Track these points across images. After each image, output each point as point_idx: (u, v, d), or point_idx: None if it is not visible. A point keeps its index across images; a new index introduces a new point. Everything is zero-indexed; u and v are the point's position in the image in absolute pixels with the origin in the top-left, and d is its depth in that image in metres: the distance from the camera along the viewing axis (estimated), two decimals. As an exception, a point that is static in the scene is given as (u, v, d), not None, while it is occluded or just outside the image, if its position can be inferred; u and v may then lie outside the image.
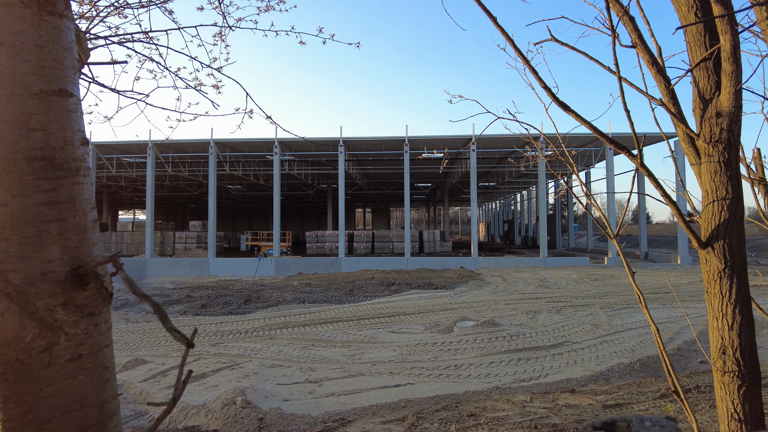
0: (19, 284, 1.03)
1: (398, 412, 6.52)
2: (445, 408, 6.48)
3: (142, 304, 16.33)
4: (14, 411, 1.02)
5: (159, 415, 0.91)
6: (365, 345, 9.97)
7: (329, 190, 40.62)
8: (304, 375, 8.17)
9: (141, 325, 13.22)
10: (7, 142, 1.09)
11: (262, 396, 7.06)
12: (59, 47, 1.18)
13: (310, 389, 7.56)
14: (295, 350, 9.62)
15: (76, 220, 1.15)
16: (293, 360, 8.94)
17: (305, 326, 11.75)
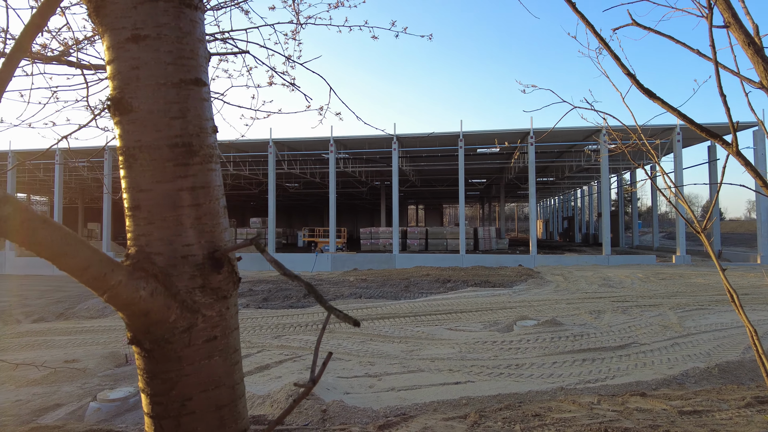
0: (164, 266, 1.08)
1: (460, 409, 6.48)
2: (508, 407, 6.37)
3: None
4: (160, 387, 1.08)
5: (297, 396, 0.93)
6: (423, 341, 9.96)
7: (382, 187, 40.84)
8: (363, 369, 8.27)
9: (207, 317, 13.83)
10: (152, 130, 1.13)
11: (324, 388, 7.21)
12: (195, 38, 1.22)
13: (370, 383, 7.65)
14: (354, 344, 9.75)
15: (211, 206, 1.19)
16: (352, 354, 9.07)
17: (363, 321, 11.88)
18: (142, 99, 1.12)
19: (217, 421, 1.11)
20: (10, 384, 8.16)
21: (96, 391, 7.54)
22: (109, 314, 14.90)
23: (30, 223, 0.78)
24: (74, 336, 11.77)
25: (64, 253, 0.85)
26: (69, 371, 8.54)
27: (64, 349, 10.52)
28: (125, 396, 7.13)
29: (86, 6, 1.12)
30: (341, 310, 0.91)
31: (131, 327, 1.08)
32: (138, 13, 1.14)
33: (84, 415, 6.88)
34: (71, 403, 7.28)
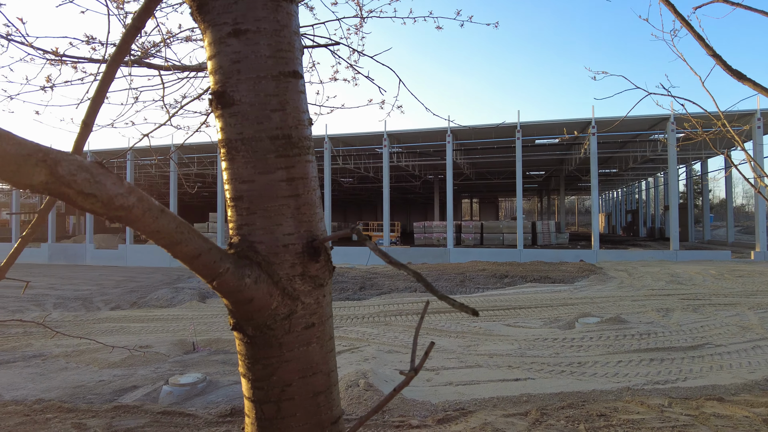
0: (266, 255, 1.12)
1: (520, 406, 6.35)
2: (571, 406, 6.18)
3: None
4: (261, 372, 1.12)
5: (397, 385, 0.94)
6: (480, 337, 9.84)
7: (436, 181, 40.56)
8: (420, 363, 8.28)
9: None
10: (253, 122, 1.16)
11: (382, 380, 7.28)
12: (291, 31, 1.25)
13: (428, 377, 7.64)
14: (411, 338, 9.78)
15: (308, 196, 1.22)
16: (409, 347, 9.10)
17: (419, 315, 11.89)
18: (243, 92, 1.16)
19: (314, 408, 1.14)
20: (94, 365, 8.81)
21: (167, 376, 7.99)
22: (176, 304, 15.75)
23: (151, 212, 0.83)
24: (146, 323, 12.53)
25: (179, 242, 0.90)
26: (143, 356, 9.10)
27: (138, 336, 11.22)
28: (194, 381, 7.50)
29: (189, 4, 1.17)
30: (456, 300, 0.90)
31: (235, 313, 1.12)
32: (238, 7, 1.17)
33: (158, 398, 7.30)
34: (146, 386, 7.75)
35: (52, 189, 0.71)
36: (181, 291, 16.98)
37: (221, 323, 12.27)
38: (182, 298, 16.17)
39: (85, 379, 8.12)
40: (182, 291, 16.97)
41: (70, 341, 10.73)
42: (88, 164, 0.74)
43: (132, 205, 0.80)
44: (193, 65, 2.63)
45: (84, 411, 6.57)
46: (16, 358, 9.41)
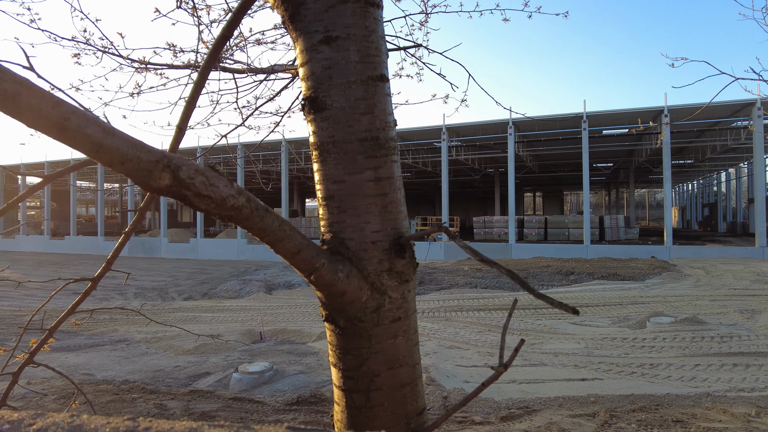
0: (355, 251, 1.18)
1: (587, 407, 6.15)
2: (643, 409, 5.90)
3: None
4: (352, 362, 1.18)
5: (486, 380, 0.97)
6: (545, 335, 9.59)
7: (496, 174, 39.73)
8: (482, 359, 8.19)
9: (330, 300, 14.68)
10: (344, 126, 1.23)
11: (444, 375, 7.28)
12: (378, 36, 1.30)
13: (490, 373, 7.56)
14: (472, 334, 9.69)
15: (394, 195, 1.28)
16: (470, 343, 9.02)
17: (480, 311, 11.75)
18: (334, 97, 1.22)
19: (401, 399, 1.19)
20: (171, 352, 9.41)
21: (237, 364, 8.39)
22: (244, 295, 16.48)
23: (258, 212, 0.90)
24: (217, 314, 13.21)
25: (281, 239, 0.97)
26: (214, 344, 9.60)
27: (209, 325, 11.85)
28: (262, 370, 7.83)
29: (281, 14, 1.24)
30: (554, 298, 0.90)
31: (328, 306, 1.19)
32: (329, 15, 1.23)
33: (228, 384, 7.69)
34: (217, 373, 8.19)
35: (175, 191, 0.79)
36: (248, 283, 17.74)
37: (287, 314, 12.72)
38: (249, 289, 16.89)
39: (163, 364, 8.69)
40: (250, 283, 17.73)
41: (149, 328, 11.52)
42: (203, 168, 0.81)
43: (242, 206, 0.87)
44: (265, 68, 2.75)
45: (164, 393, 7.05)
46: (104, 342, 10.22)
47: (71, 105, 0.66)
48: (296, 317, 12.37)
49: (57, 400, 6.63)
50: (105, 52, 2.86)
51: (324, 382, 7.69)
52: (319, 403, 6.50)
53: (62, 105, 0.66)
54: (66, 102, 0.66)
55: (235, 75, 2.97)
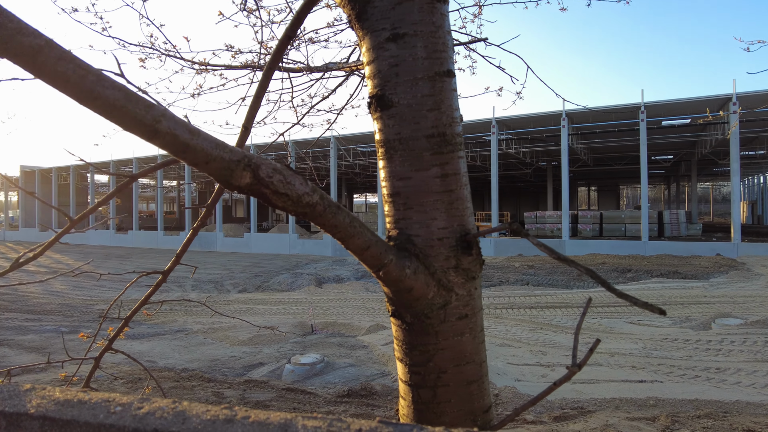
0: (422, 247, 1.19)
1: (646, 410, 5.90)
2: (709, 416, 5.60)
3: (378, 276, 18.24)
4: (419, 358, 1.20)
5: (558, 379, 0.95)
6: (600, 334, 9.26)
7: (549, 168, 38.63)
8: (534, 358, 8.02)
9: (379, 294, 14.78)
10: (410, 123, 1.23)
11: (495, 373, 7.18)
12: (444, 31, 1.29)
13: (543, 372, 7.39)
14: (523, 332, 9.50)
15: (460, 192, 1.27)
16: (522, 341, 8.85)
17: (531, 309, 11.50)
18: (401, 94, 1.22)
19: (468, 395, 1.19)
20: (226, 342, 9.78)
21: (289, 355, 8.62)
22: (296, 288, 16.87)
23: (330, 209, 0.93)
24: (270, 306, 13.60)
25: (352, 235, 0.99)
26: (268, 335, 9.89)
27: (263, 317, 12.22)
28: (313, 362, 8.00)
29: (347, 13, 1.26)
30: (637, 298, 0.87)
31: (395, 301, 1.20)
32: (396, 13, 1.23)
33: (281, 375, 7.90)
34: (271, 363, 8.43)
35: (254, 189, 0.82)
36: (300, 276, 18.16)
37: (336, 308, 12.93)
38: (301, 283, 17.28)
39: (219, 354, 9.05)
40: (301, 276, 18.14)
41: (206, 319, 12.02)
42: (280, 167, 0.84)
43: (316, 203, 0.90)
44: (320, 66, 2.80)
45: (221, 382, 7.35)
46: (165, 331, 10.75)
47: (161, 108, 0.70)
48: (346, 311, 12.55)
49: (125, 384, 7.06)
50: (168, 55, 3.00)
51: (374, 375, 7.77)
52: (370, 396, 6.57)
53: (154, 108, 0.70)
54: (156, 105, 0.70)
55: (290, 74, 3.04)
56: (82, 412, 0.47)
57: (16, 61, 0.62)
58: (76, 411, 0.48)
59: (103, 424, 0.45)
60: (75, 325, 10.93)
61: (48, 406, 0.49)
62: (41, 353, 8.80)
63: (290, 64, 3.21)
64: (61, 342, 9.49)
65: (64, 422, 0.47)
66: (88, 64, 0.65)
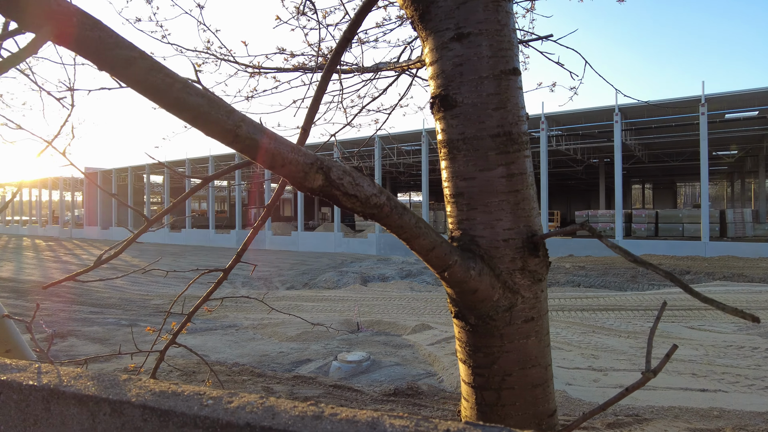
0: (487, 249, 1.19)
1: (709, 421, 5.59)
2: (781, 430, 5.25)
3: (423, 275, 18.21)
4: (483, 360, 1.20)
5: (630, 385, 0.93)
6: (656, 338, 8.86)
7: (601, 165, 37.28)
8: (586, 361, 7.77)
9: (423, 294, 14.75)
10: (475, 122, 1.22)
11: (544, 376, 7.01)
12: (509, 29, 1.28)
13: (594, 377, 7.15)
14: (574, 335, 9.22)
15: (526, 192, 1.25)
16: (573, 344, 8.59)
17: (583, 311, 11.15)
18: (465, 94, 1.22)
19: (533, 399, 1.17)
20: (275, 338, 10.03)
21: (336, 352, 8.74)
22: (341, 286, 17.09)
23: (397, 210, 0.94)
24: (317, 303, 13.83)
25: (417, 235, 1.00)
26: (315, 332, 10.07)
27: (310, 313, 12.44)
28: (360, 360, 8.08)
29: (410, 14, 1.27)
30: (726, 304, 0.84)
31: (458, 302, 1.20)
32: (460, 12, 1.23)
33: (328, 371, 8.02)
34: (318, 360, 8.58)
35: (326, 191, 0.84)
36: (345, 275, 18.38)
37: (381, 306, 13.00)
38: (346, 281, 17.49)
39: (268, 350, 9.29)
40: (346, 275, 18.36)
41: (256, 315, 12.37)
42: (350, 169, 0.86)
43: (383, 204, 0.91)
44: (370, 66, 2.83)
45: (270, 377, 7.54)
46: (217, 326, 11.13)
47: (240, 113, 0.73)
48: (391, 310, 12.60)
49: (181, 375, 7.37)
50: (224, 59, 3.11)
51: (420, 375, 7.76)
52: (416, 396, 6.57)
53: (234, 114, 0.73)
54: (236, 111, 0.73)
55: (341, 75, 3.08)
56: (177, 403, 0.50)
57: (112, 72, 0.66)
58: (172, 402, 0.51)
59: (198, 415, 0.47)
60: (134, 319, 11.51)
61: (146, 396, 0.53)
62: (104, 344, 9.32)
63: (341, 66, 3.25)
64: (120, 334, 10.03)
65: (162, 412, 0.50)
66: (175, 73, 0.69)
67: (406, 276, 18.43)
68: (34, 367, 0.67)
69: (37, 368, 0.66)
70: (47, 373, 0.64)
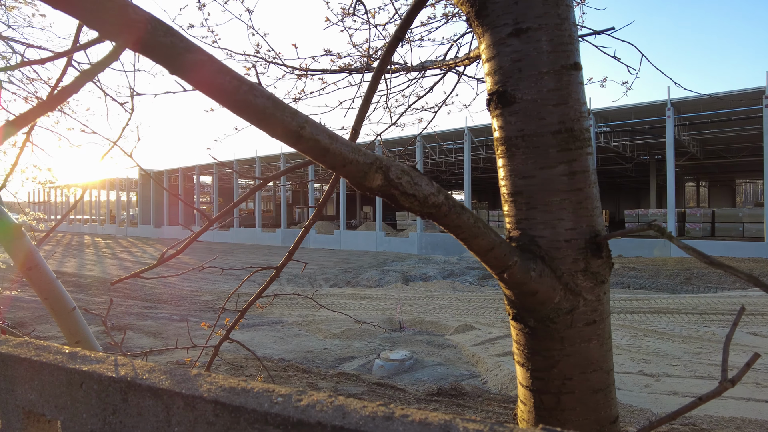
0: (547, 249, 1.17)
1: (775, 433, 5.27)
2: None
3: (466, 275, 18.02)
4: (542, 363, 1.18)
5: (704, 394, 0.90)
6: (713, 344, 8.43)
7: (652, 162, 35.75)
8: (637, 366, 7.48)
9: (466, 294, 14.60)
10: (535, 118, 1.20)
11: (593, 380, 6.80)
12: (571, 23, 1.25)
13: (646, 382, 6.88)
14: (624, 338, 8.89)
15: (589, 190, 1.22)
16: (622, 347, 8.29)
17: (633, 313, 10.73)
18: (524, 90, 1.20)
19: (594, 404, 1.14)
20: (319, 335, 10.18)
21: (378, 350, 8.77)
22: (383, 285, 17.15)
23: (455, 209, 0.94)
24: (359, 301, 13.94)
25: (476, 235, 0.99)
26: (358, 330, 10.15)
27: (353, 311, 12.55)
28: (402, 358, 8.08)
29: (465, 11, 1.26)
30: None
31: (517, 304, 1.18)
32: (519, 7, 1.21)
33: (371, 369, 8.07)
34: (361, 357, 8.64)
35: (385, 191, 0.85)
36: (387, 273, 18.43)
37: (424, 306, 12.96)
38: (388, 279, 17.54)
39: (313, 346, 9.44)
40: (388, 273, 18.41)
41: (300, 311, 12.60)
42: (408, 168, 0.86)
43: (441, 203, 0.91)
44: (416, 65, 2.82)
45: (315, 373, 7.66)
46: (263, 322, 11.40)
47: (304, 115, 0.75)
48: (433, 309, 12.54)
49: (229, 370, 7.60)
50: (272, 62, 3.18)
51: (463, 375, 7.68)
52: (460, 396, 6.51)
53: (298, 115, 0.74)
54: (299, 112, 0.74)
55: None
56: (248, 400, 0.52)
57: (181, 75, 0.69)
58: (242, 398, 0.52)
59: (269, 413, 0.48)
60: (184, 314, 11.96)
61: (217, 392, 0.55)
62: (157, 337, 9.73)
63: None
64: (172, 328, 10.45)
65: (234, 408, 0.52)
66: (241, 76, 0.71)
67: (449, 276, 18.30)
68: (111, 359, 0.72)
69: (113, 361, 0.70)
70: (123, 365, 0.68)
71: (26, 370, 0.74)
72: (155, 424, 0.58)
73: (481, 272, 18.76)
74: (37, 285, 1.80)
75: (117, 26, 0.60)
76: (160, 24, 0.65)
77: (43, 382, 0.72)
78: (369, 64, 3.20)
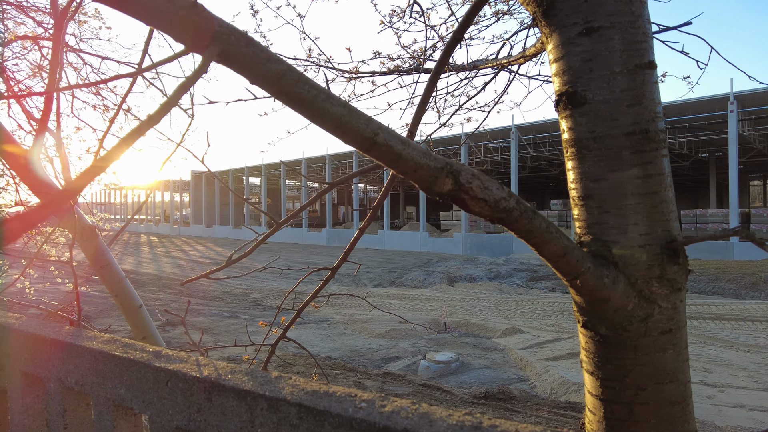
0: (620, 255, 1.14)
1: None
2: None
3: (513, 276, 17.68)
4: (613, 372, 1.15)
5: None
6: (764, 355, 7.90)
7: (711, 160, 33.88)
8: (697, 375, 7.11)
9: (513, 296, 14.33)
10: (607, 119, 1.17)
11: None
12: (645, 20, 1.22)
13: (708, 393, 6.53)
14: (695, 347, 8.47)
15: (664, 194, 1.18)
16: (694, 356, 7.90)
17: (692, 319, 10.20)
18: (595, 90, 1.17)
19: (669, 417, 1.10)
20: (365, 334, 10.26)
21: (424, 351, 8.75)
22: (428, 285, 17.08)
23: (526, 214, 0.93)
24: (403, 301, 13.94)
25: (548, 241, 0.98)
26: (403, 330, 10.16)
27: (397, 311, 12.57)
28: (448, 360, 8.02)
29: (531, 11, 1.24)
30: None
31: (587, 312, 1.16)
32: (589, 6, 1.18)
33: (417, 370, 8.05)
34: (406, 358, 8.65)
35: (455, 195, 0.85)
36: (431, 274, 18.35)
37: (469, 307, 12.81)
38: (433, 280, 17.45)
39: (358, 345, 9.52)
40: (433, 274, 18.32)
41: (346, 310, 12.74)
42: (478, 173, 0.86)
43: (512, 208, 0.89)
44: (467, 64, 2.79)
45: (361, 372, 7.73)
46: (310, 320, 11.61)
47: (377, 121, 0.76)
48: (479, 311, 12.38)
49: (278, 367, 7.78)
50: (323, 66, 3.23)
51: (511, 379, 7.54)
52: (508, 401, 6.40)
53: (372, 122, 0.75)
54: (373, 119, 0.75)
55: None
56: (332, 404, 0.53)
57: (262, 85, 0.72)
58: (326, 402, 0.53)
59: (354, 417, 0.49)
60: (234, 311, 12.34)
61: (300, 395, 0.56)
62: (209, 333, 10.09)
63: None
64: (223, 324, 10.81)
65: (318, 412, 0.53)
66: (318, 85, 0.73)
67: (495, 277, 18.01)
68: (192, 359, 0.75)
69: (196, 361, 0.74)
70: (205, 366, 0.71)
71: (116, 366, 0.79)
72: (239, 424, 0.60)
73: (529, 274, 18.36)
74: (108, 282, 1.91)
75: (204, 39, 0.63)
76: (242, 35, 0.68)
77: (131, 378, 0.77)
78: (419, 64, 3.20)
